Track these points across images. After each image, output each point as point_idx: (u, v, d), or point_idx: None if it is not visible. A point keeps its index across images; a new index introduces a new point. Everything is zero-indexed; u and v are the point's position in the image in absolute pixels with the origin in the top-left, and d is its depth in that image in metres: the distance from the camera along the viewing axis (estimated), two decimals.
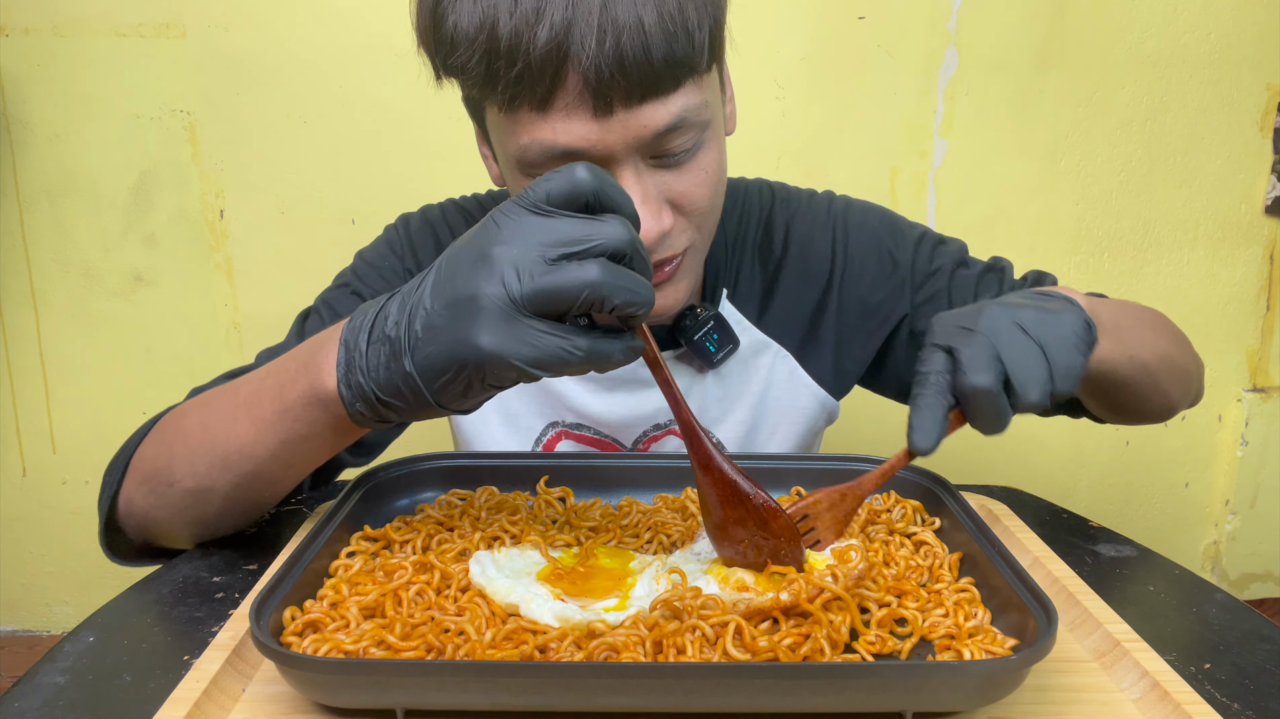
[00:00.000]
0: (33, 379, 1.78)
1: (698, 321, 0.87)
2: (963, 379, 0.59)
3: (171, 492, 0.71)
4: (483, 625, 0.58)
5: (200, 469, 0.69)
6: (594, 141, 0.68)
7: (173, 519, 0.73)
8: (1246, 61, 1.71)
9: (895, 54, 1.67)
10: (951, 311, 0.64)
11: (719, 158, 0.76)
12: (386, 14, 1.60)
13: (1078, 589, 0.67)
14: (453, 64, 0.69)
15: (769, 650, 0.55)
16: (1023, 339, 0.60)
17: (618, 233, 0.53)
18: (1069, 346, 0.61)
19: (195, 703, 0.53)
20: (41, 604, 1.92)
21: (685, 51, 0.68)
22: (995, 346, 0.59)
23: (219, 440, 0.68)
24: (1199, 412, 1.89)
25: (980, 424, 0.61)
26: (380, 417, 0.60)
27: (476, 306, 0.52)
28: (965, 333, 0.60)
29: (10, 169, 1.67)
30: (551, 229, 0.52)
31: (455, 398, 0.56)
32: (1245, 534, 1.91)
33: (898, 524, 0.73)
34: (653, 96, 0.68)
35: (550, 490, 0.80)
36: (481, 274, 0.53)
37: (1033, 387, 0.59)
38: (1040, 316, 0.61)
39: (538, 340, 0.52)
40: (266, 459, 0.67)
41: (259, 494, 0.71)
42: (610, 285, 0.52)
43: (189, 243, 1.72)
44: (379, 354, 0.57)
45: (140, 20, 1.61)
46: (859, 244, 0.93)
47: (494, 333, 0.52)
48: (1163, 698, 0.54)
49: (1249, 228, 1.80)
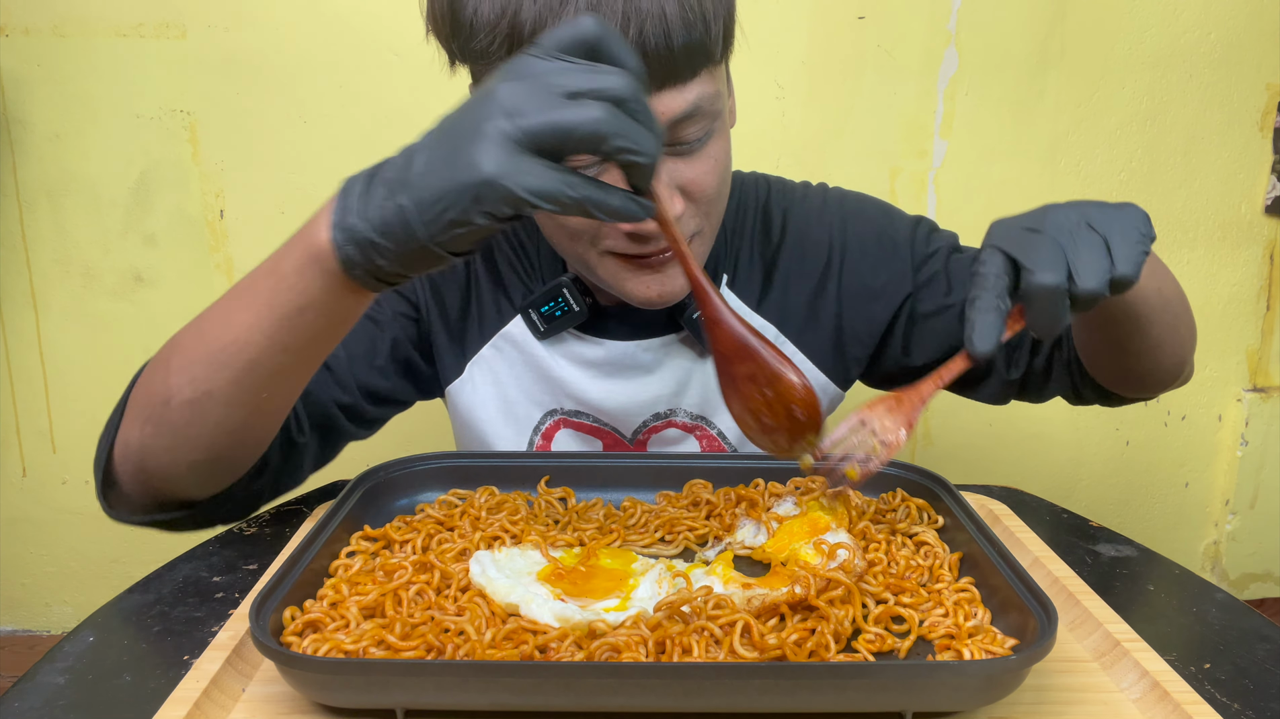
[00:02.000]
0: (33, 379, 1.78)
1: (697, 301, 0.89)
2: (1029, 279, 0.59)
3: (168, 410, 0.67)
4: (483, 625, 0.58)
5: (197, 373, 0.65)
6: None
7: (172, 446, 0.69)
8: (1246, 61, 1.71)
9: (895, 54, 1.67)
10: (1012, 217, 0.64)
11: (726, 147, 0.79)
12: (386, 14, 1.60)
13: (1078, 589, 0.67)
14: (472, 49, 0.70)
15: (777, 648, 0.55)
16: (1088, 233, 0.60)
17: (621, 82, 0.52)
18: (1131, 235, 0.61)
19: (195, 703, 0.53)
20: (41, 604, 1.92)
21: (702, 40, 0.70)
22: (1062, 244, 0.59)
23: (213, 336, 0.65)
24: (1199, 412, 1.89)
25: (1040, 324, 0.61)
26: (370, 266, 0.57)
27: (479, 135, 0.52)
28: (1031, 234, 0.61)
29: (10, 169, 1.67)
30: (556, 71, 0.52)
31: (445, 230, 0.54)
32: (1245, 534, 1.91)
33: (900, 524, 0.74)
34: (671, 84, 0.70)
35: (551, 490, 0.80)
36: (485, 109, 0.52)
37: (1093, 275, 0.59)
38: (1105, 211, 0.62)
39: (538, 172, 0.52)
40: (264, 345, 0.63)
41: (258, 394, 0.67)
42: (612, 126, 0.51)
43: (189, 243, 1.72)
44: (375, 194, 0.56)
45: (140, 20, 1.61)
46: (856, 230, 0.94)
47: (495, 159, 0.51)
48: (1163, 698, 0.54)
49: (1249, 228, 1.80)
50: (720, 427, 0.94)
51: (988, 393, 0.95)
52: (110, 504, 0.75)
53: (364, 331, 0.88)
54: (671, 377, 0.92)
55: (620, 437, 0.95)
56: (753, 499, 0.76)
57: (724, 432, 0.94)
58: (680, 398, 0.93)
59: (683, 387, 0.93)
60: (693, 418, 0.94)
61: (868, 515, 0.75)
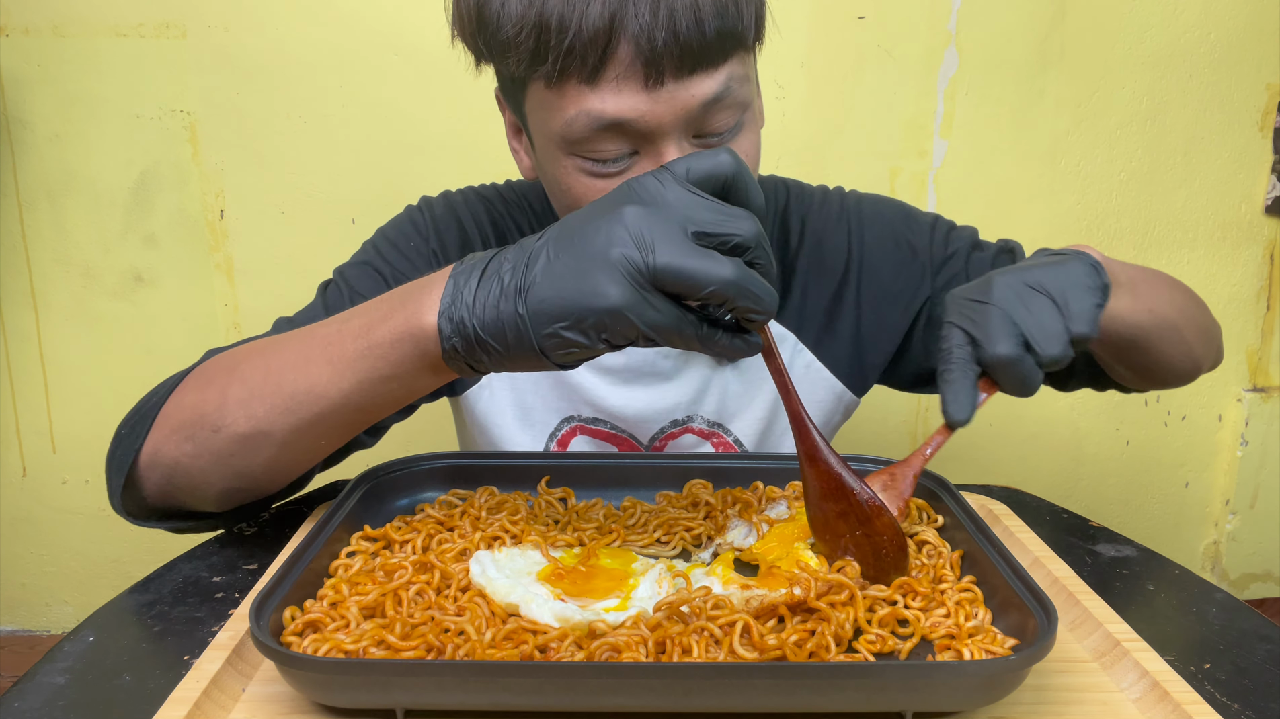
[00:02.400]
0: (33, 379, 1.78)
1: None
2: (984, 353, 0.60)
3: (217, 438, 0.67)
4: (483, 625, 0.58)
5: (258, 412, 0.66)
6: (643, 112, 0.69)
7: (211, 470, 0.69)
8: (1246, 61, 1.71)
9: (895, 54, 1.67)
10: (962, 288, 0.65)
11: (757, 142, 0.79)
12: (386, 14, 1.60)
13: (1078, 589, 0.67)
14: (499, 41, 0.69)
15: (777, 648, 0.55)
16: (1033, 296, 0.61)
17: (751, 228, 0.53)
18: (1079, 291, 0.61)
19: (195, 703, 0.53)
20: (41, 604, 1.92)
21: (735, 24, 0.69)
22: (1009, 313, 0.60)
23: (286, 382, 0.65)
24: (1199, 412, 1.89)
25: (1012, 389, 0.62)
26: (472, 359, 0.58)
27: (609, 262, 0.52)
28: (979, 306, 0.61)
29: (10, 169, 1.67)
30: (691, 205, 0.53)
31: (560, 348, 0.55)
32: (1245, 534, 1.91)
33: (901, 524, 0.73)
34: (702, 68, 0.69)
35: (551, 490, 0.80)
36: (615, 233, 0.52)
37: (1052, 341, 0.60)
38: (1046, 272, 0.62)
39: (663, 309, 0.53)
40: (338, 400, 0.64)
41: (318, 442, 0.68)
42: (739, 288, 0.52)
43: (189, 243, 1.72)
44: (489, 292, 0.56)
45: (140, 20, 1.61)
46: (874, 235, 0.94)
47: (624, 293, 0.52)
48: (1163, 698, 0.54)
49: (1249, 228, 1.80)
50: (736, 433, 0.94)
51: None
52: (124, 504, 0.74)
53: None
54: (690, 384, 0.92)
55: (637, 443, 0.94)
56: (747, 501, 0.76)
57: (739, 438, 0.94)
58: (699, 404, 0.93)
59: (701, 394, 0.92)
60: (710, 424, 0.94)
61: None
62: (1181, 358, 0.84)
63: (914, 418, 1.83)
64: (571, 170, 0.73)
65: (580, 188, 0.74)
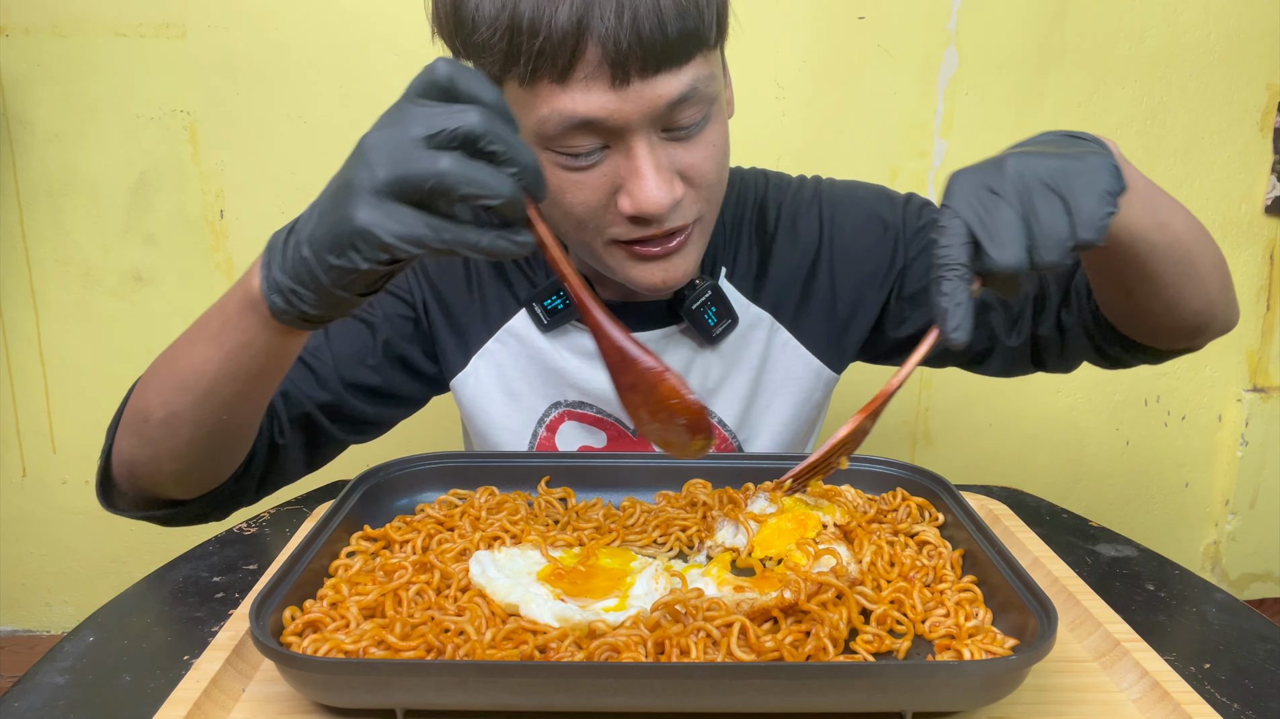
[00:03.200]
0: (33, 379, 1.78)
1: (696, 292, 0.90)
2: (987, 258, 0.58)
3: (148, 426, 0.73)
4: (483, 625, 0.58)
5: (167, 396, 0.71)
6: (611, 111, 0.71)
7: (154, 457, 0.74)
8: (1246, 61, 1.71)
9: (895, 54, 1.67)
10: (971, 168, 0.61)
11: (724, 133, 0.80)
12: (386, 14, 1.60)
13: (1078, 589, 0.67)
14: (474, 42, 0.72)
15: (774, 650, 0.55)
16: (1046, 195, 0.58)
17: (472, 118, 0.54)
18: (1094, 194, 0.59)
19: (195, 703, 0.53)
20: (41, 604, 1.92)
21: (696, 25, 0.72)
22: (1021, 213, 0.57)
23: (178, 364, 0.71)
24: (1199, 411, 1.89)
25: (1000, 291, 0.60)
26: (294, 308, 0.61)
27: (352, 187, 0.56)
28: (990, 197, 0.58)
29: (10, 169, 1.67)
30: (412, 118, 0.55)
31: (340, 277, 0.58)
32: (1245, 534, 1.91)
33: (901, 524, 0.73)
34: (667, 68, 0.71)
35: (551, 490, 0.80)
36: (357, 159, 0.56)
37: (1052, 247, 0.57)
38: (1064, 164, 0.59)
39: (405, 218, 0.55)
40: (216, 375, 0.68)
41: (219, 416, 0.72)
42: (456, 175, 0.53)
43: (189, 243, 1.72)
44: (290, 246, 0.60)
45: (140, 20, 1.61)
46: (847, 213, 0.95)
47: (366, 209, 0.55)
48: (1163, 698, 0.54)
49: (1249, 228, 1.80)
50: (719, 414, 0.95)
51: (996, 367, 0.94)
52: (108, 499, 0.80)
53: (354, 333, 0.90)
54: (671, 364, 0.93)
55: (624, 427, 0.96)
56: (735, 499, 0.76)
57: (723, 419, 0.96)
58: None
59: (682, 374, 0.93)
60: None
61: (868, 516, 0.75)
62: (1192, 294, 0.78)
63: (914, 418, 1.83)
64: (548, 165, 0.76)
65: (556, 182, 0.77)
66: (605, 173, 0.76)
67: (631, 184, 0.75)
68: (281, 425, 0.84)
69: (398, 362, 0.93)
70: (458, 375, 0.96)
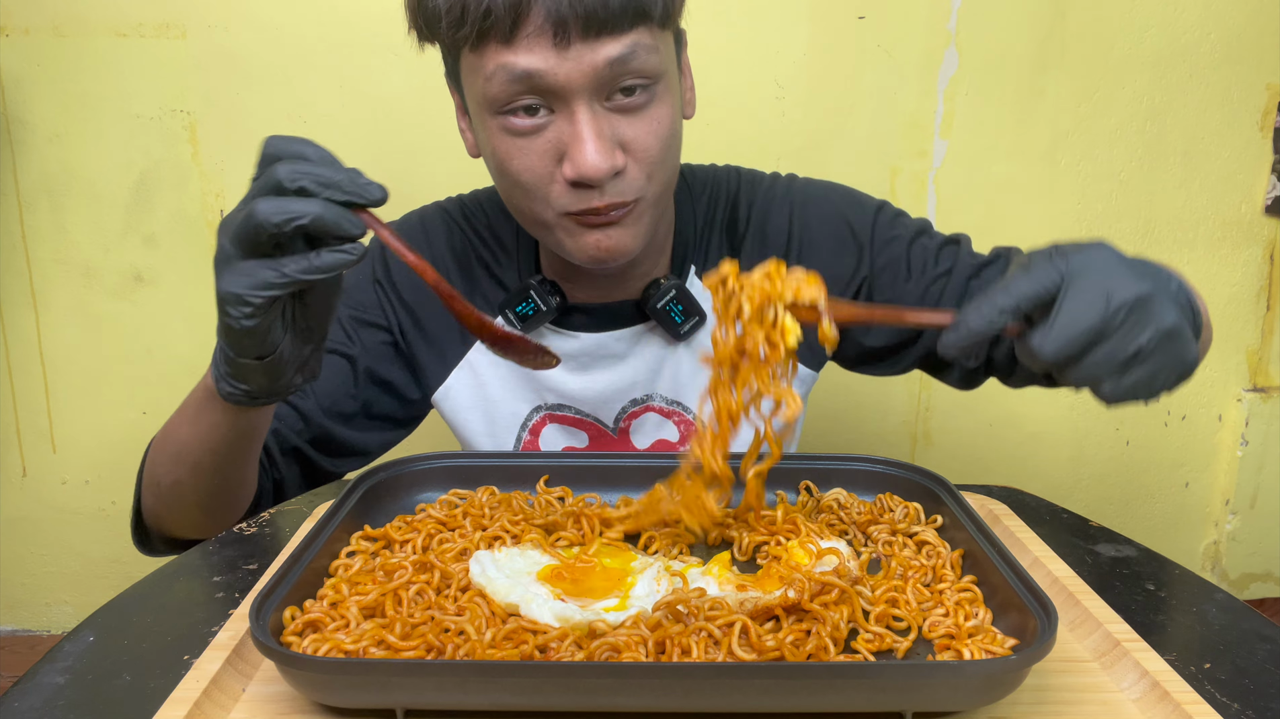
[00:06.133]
0: (33, 379, 1.78)
1: (660, 291, 0.92)
2: (1036, 334, 0.60)
3: (160, 490, 0.84)
4: (483, 625, 0.58)
5: (168, 467, 0.82)
6: (552, 66, 0.75)
7: (170, 513, 0.85)
8: (1246, 61, 1.71)
9: (895, 54, 1.67)
10: (1114, 255, 0.61)
11: (672, 114, 0.82)
12: (386, 14, 1.60)
13: (1078, 589, 0.67)
14: (430, 12, 0.77)
15: (775, 649, 0.55)
16: (1135, 367, 0.60)
17: (275, 172, 0.61)
18: (1171, 378, 0.62)
19: (195, 703, 0.53)
20: (41, 604, 1.92)
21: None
22: (1102, 335, 0.59)
23: (171, 441, 0.82)
24: (1199, 411, 1.89)
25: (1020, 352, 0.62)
26: (237, 389, 0.71)
27: (218, 263, 0.65)
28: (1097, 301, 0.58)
29: (10, 169, 1.67)
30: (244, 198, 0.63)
31: (236, 342, 0.67)
32: (1245, 534, 1.91)
33: (900, 524, 0.74)
34: (608, 32, 0.74)
35: (551, 490, 0.80)
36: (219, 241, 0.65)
37: (1085, 379, 0.61)
38: (1169, 358, 0.60)
39: (248, 270, 0.63)
40: (200, 449, 0.79)
41: (213, 480, 0.81)
42: (263, 210, 0.60)
43: (189, 243, 1.72)
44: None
45: (140, 20, 1.61)
46: (815, 215, 0.96)
47: (224, 277, 0.64)
48: (1163, 698, 0.54)
49: (1249, 228, 1.80)
50: (696, 410, 0.96)
51: (953, 379, 0.98)
52: (144, 544, 0.91)
53: (336, 367, 0.93)
54: (644, 363, 0.95)
55: (604, 427, 0.97)
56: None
57: (701, 417, 0.96)
58: (655, 383, 0.96)
59: (655, 373, 0.96)
60: (669, 402, 0.97)
61: (864, 518, 0.75)
62: None
63: (914, 418, 1.83)
64: (496, 132, 0.79)
65: (504, 148, 0.80)
66: (550, 139, 0.78)
67: (573, 149, 0.77)
68: (276, 463, 0.91)
69: (381, 386, 0.96)
70: (439, 389, 0.98)
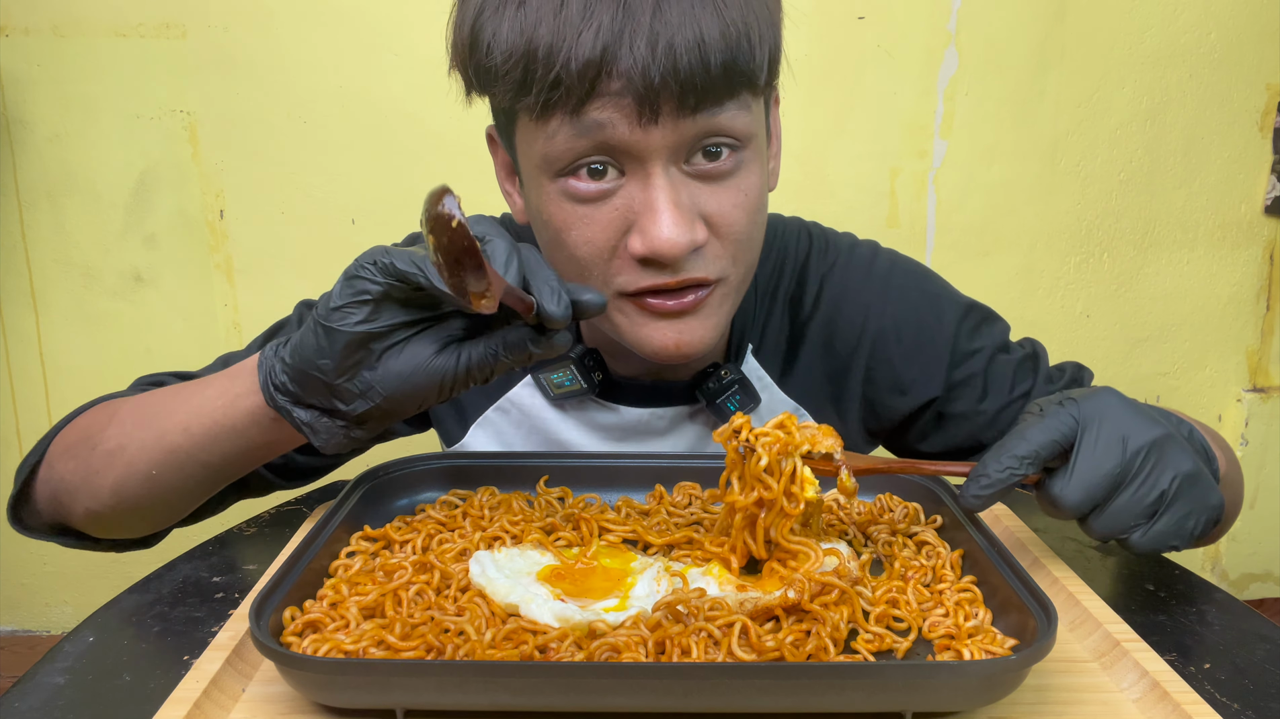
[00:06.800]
0: (33, 379, 1.78)
1: (721, 385, 0.83)
2: (1055, 482, 0.62)
3: (93, 453, 0.72)
4: (483, 625, 0.58)
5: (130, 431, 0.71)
6: (636, 137, 0.65)
7: (81, 485, 0.73)
8: (1246, 61, 1.71)
9: (895, 54, 1.67)
10: (1126, 403, 0.65)
11: (760, 185, 0.72)
12: (386, 14, 1.60)
13: (1078, 589, 0.67)
14: (486, 68, 0.67)
15: (775, 650, 0.55)
16: (1170, 535, 0.62)
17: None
18: (1197, 523, 0.63)
19: (195, 703, 0.53)
20: (41, 604, 1.92)
21: (746, 63, 0.65)
22: (1121, 484, 0.61)
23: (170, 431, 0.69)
24: (1199, 411, 1.89)
25: (1039, 495, 0.65)
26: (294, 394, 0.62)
27: None
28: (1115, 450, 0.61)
29: (10, 169, 1.67)
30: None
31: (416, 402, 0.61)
32: (1245, 534, 1.91)
33: (900, 524, 0.73)
34: (705, 107, 0.65)
35: (550, 490, 0.80)
36: None
37: (1106, 531, 0.63)
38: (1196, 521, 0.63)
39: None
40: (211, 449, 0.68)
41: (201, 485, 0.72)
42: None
43: (189, 243, 1.72)
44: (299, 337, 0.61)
45: (140, 20, 1.61)
46: (895, 314, 0.87)
47: None
48: (1163, 698, 0.54)
49: (1249, 228, 1.80)
50: None
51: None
52: (17, 516, 0.79)
53: None
54: (684, 443, 0.88)
55: None
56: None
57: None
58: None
59: (693, 451, 0.89)
60: None
61: (864, 518, 0.75)
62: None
63: None
64: (554, 197, 0.69)
65: (563, 216, 0.69)
66: (617, 207, 0.68)
67: (645, 219, 0.66)
68: None
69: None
70: (455, 446, 0.92)
